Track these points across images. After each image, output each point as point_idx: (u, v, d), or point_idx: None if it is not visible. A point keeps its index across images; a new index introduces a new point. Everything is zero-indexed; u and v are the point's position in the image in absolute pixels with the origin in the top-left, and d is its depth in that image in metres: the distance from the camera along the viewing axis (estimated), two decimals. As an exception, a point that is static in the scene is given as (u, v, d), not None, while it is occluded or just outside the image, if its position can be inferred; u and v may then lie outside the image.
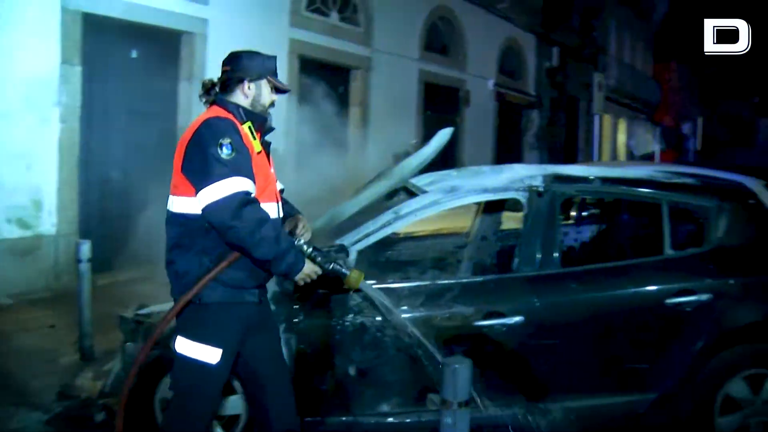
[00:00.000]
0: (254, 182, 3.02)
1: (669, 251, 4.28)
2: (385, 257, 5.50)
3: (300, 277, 3.08)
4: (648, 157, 27.46)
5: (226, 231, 2.92)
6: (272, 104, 3.28)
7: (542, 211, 4.20)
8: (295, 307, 3.93)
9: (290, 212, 3.43)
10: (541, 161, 19.44)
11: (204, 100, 3.25)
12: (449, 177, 4.72)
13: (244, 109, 3.16)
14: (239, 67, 3.18)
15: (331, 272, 3.20)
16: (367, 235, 4.05)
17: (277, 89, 3.29)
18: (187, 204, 3.07)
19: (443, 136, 4.69)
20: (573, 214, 7.01)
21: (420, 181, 4.65)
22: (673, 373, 4.14)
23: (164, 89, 9.51)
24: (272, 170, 3.29)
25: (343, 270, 3.22)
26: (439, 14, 15.53)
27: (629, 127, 31.61)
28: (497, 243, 5.66)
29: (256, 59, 3.22)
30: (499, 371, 4.03)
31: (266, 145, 3.26)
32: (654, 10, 32.73)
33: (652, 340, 4.10)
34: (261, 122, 3.21)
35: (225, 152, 2.93)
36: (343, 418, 3.99)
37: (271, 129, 3.34)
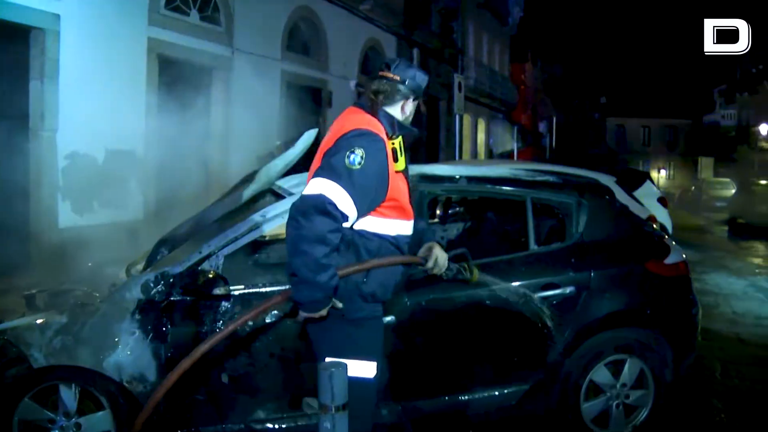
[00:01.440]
0: (362, 207, 2.90)
1: (534, 247, 4.40)
2: (253, 261, 5.37)
3: (305, 315, 2.91)
4: (507, 155, 28.43)
5: (288, 220, 2.81)
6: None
7: (410, 211, 4.19)
8: (162, 315, 3.75)
9: (421, 237, 3.33)
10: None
11: (360, 103, 3.14)
12: (316, 178, 4.65)
13: (398, 123, 3.10)
14: (411, 83, 3.13)
15: (454, 277, 3.35)
16: (235, 239, 3.94)
17: (419, 112, 3.27)
18: None
19: (308, 137, 4.62)
20: (438, 212, 7.10)
21: (286, 183, 4.56)
22: (542, 364, 4.27)
23: (13, 89, 8.86)
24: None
25: (465, 275, 3.36)
26: (301, 15, 15.40)
27: (488, 126, 32.60)
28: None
29: (421, 77, 3.19)
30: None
31: (407, 160, 3.15)
32: (510, 14, 33.89)
33: (522, 333, 4.19)
34: (412, 138, 3.18)
35: (349, 160, 2.84)
36: (218, 427, 3.88)
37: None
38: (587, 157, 39.41)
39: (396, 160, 3.01)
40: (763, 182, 23.05)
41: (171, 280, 3.77)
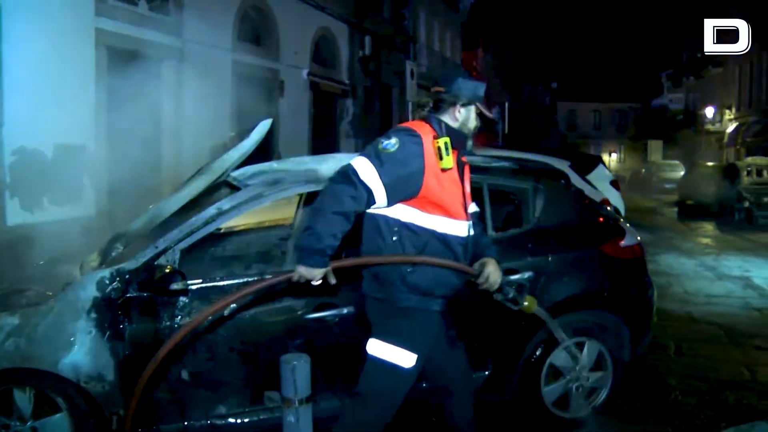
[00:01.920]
0: (391, 187, 3.06)
1: (491, 233, 4.41)
2: (209, 254, 5.30)
3: (300, 271, 3.05)
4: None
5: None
6: (475, 128, 3.37)
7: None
8: (119, 313, 3.67)
9: (483, 251, 3.43)
10: (357, 149, 19.63)
11: (417, 117, 3.35)
12: (271, 169, 4.60)
13: (447, 125, 3.26)
14: (453, 91, 3.27)
15: (503, 302, 3.46)
16: (191, 233, 3.86)
17: (482, 115, 3.38)
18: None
19: (263, 127, 4.56)
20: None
21: (242, 174, 4.50)
22: (503, 349, 4.29)
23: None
24: (467, 188, 3.37)
25: (516, 308, 3.47)
26: (252, 4, 15.26)
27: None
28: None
29: (469, 84, 3.31)
30: (335, 363, 3.99)
31: (460, 163, 3.31)
32: (461, 1, 33.98)
33: (482, 319, 4.21)
34: (461, 140, 3.30)
35: (382, 144, 3.10)
36: (180, 424, 3.82)
37: (468, 150, 3.43)
38: (537, 141, 39.77)
39: (441, 158, 3.12)
40: (709, 164, 23.56)
41: (127, 276, 3.69)
